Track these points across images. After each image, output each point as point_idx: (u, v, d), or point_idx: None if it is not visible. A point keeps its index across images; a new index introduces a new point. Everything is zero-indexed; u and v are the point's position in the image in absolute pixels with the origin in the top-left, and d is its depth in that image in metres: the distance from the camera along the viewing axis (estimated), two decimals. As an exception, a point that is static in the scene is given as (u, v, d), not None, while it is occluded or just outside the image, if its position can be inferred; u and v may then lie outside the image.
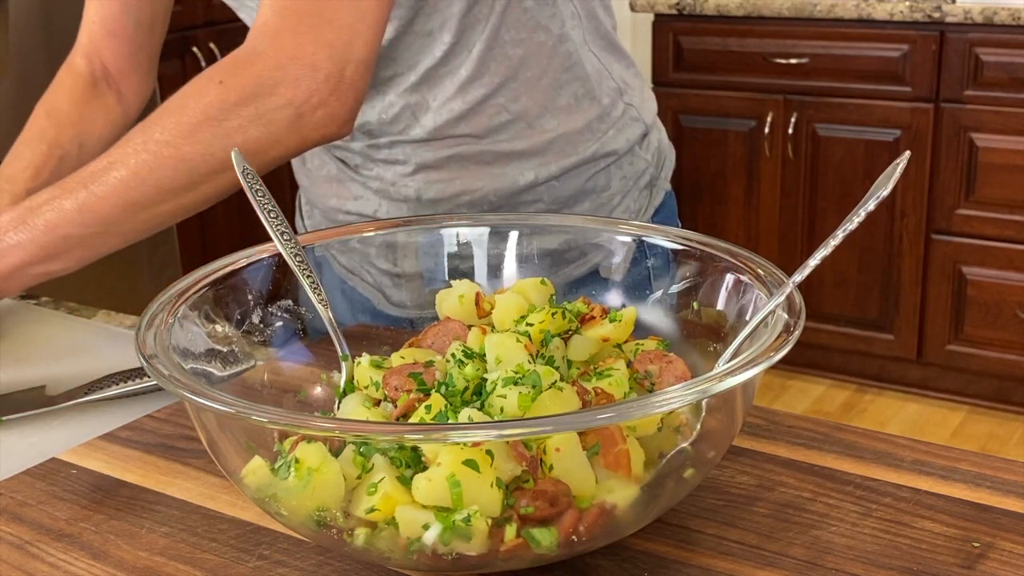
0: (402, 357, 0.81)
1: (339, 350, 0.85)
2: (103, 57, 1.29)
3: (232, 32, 3.25)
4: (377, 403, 0.78)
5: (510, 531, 0.65)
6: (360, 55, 0.98)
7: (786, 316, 0.72)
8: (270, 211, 0.85)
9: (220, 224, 3.22)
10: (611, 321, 0.81)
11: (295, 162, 1.29)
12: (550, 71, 1.14)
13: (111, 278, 2.62)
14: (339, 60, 0.97)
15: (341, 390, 0.83)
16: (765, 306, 0.74)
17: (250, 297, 0.88)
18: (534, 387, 0.69)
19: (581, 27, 1.16)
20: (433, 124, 1.13)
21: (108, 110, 1.29)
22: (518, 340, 0.76)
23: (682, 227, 1.00)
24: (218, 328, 0.85)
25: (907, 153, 0.76)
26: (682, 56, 3.33)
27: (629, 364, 0.78)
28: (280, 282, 0.90)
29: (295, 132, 0.98)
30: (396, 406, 0.75)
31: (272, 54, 0.97)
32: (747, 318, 0.78)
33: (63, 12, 2.74)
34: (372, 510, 0.66)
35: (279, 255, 0.86)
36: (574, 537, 0.66)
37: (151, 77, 1.33)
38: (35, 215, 0.98)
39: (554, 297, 0.86)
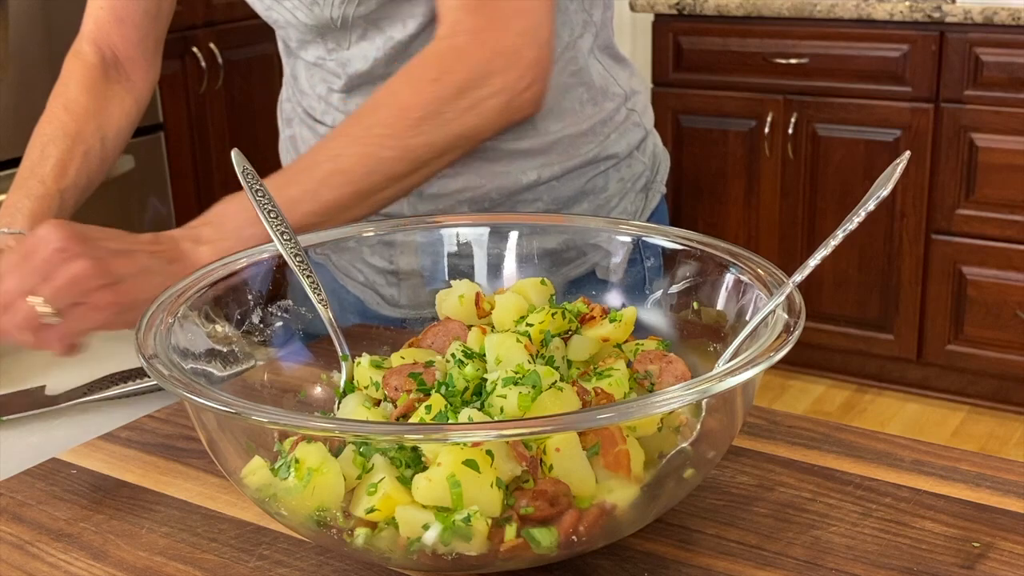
0: (402, 357, 0.81)
1: (339, 350, 0.85)
2: (112, 43, 1.29)
3: (232, 32, 3.25)
4: (377, 403, 0.78)
5: (510, 531, 0.65)
6: (548, 35, 1.07)
7: (786, 316, 0.72)
8: (270, 211, 0.85)
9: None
10: (611, 321, 0.81)
11: (289, 159, 1.28)
12: (557, 76, 1.15)
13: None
14: (534, 44, 1.05)
15: (341, 390, 0.83)
16: (765, 306, 0.74)
17: (250, 297, 0.88)
18: (534, 387, 0.69)
19: (592, 36, 1.18)
20: None
21: (121, 100, 1.28)
22: (518, 340, 0.76)
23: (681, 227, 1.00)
24: (218, 328, 0.85)
25: (907, 153, 0.76)
26: (682, 56, 3.33)
27: (629, 364, 0.78)
28: (280, 282, 0.90)
29: (505, 116, 1.06)
30: (396, 406, 0.75)
31: (477, 50, 1.04)
32: (747, 318, 0.78)
33: (63, 12, 2.74)
34: (372, 510, 0.66)
35: (279, 255, 0.86)
36: (574, 537, 0.66)
37: (156, 65, 1.33)
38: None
39: (554, 297, 0.86)
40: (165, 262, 0.97)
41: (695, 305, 0.86)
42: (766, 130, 3.24)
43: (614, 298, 0.92)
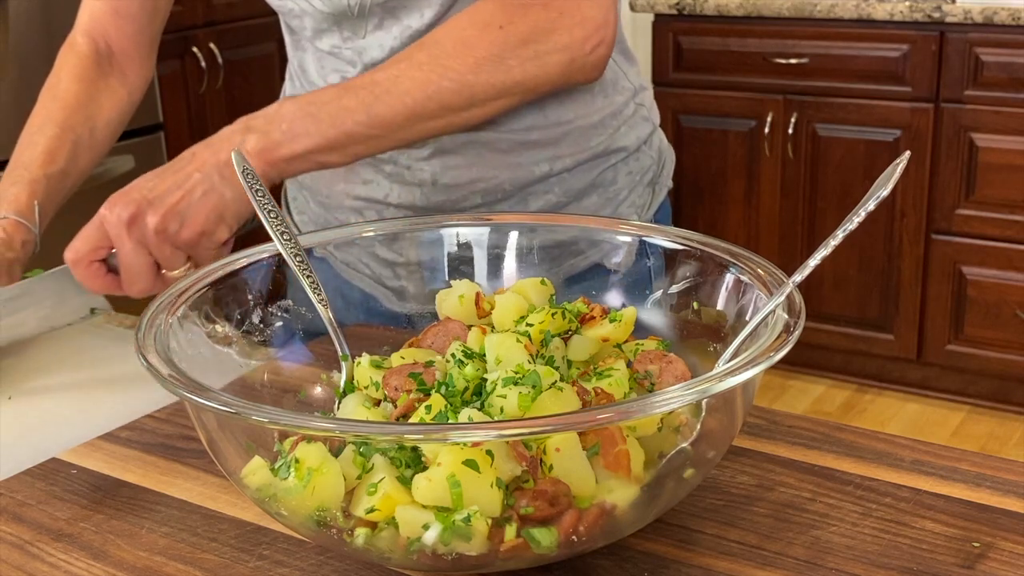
0: (402, 357, 0.81)
1: (339, 350, 0.85)
2: (107, 36, 1.29)
3: (232, 32, 3.25)
4: (377, 403, 0.78)
5: (510, 531, 0.65)
6: (614, 1, 1.10)
7: (786, 316, 0.72)
8: (270, 211, 0.85)
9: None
10: (611, 321, 0.81)
11: None
12: None
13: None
14: (602, 9, 1.08)
15: (341, 390, 0.83)
16: (765, 306, 0.74)
17: (250, 297, 0.88)
18: (534, 387, 0.69)
19: None
20: None
21: (113, 92, 1.28)
22: (518, 340, 0.76)
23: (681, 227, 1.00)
24: (218, 328, 0.85)
25: (907, 153, 0.76)
26: (682, 56, 3.33)
27: (629, 364, 0.78)
28: (280, 282, 0.90)
29: (566, 74, 1.09)
30: (396, 406, 0.75)
31: (542, 7, 1.06)
32: (747, 318, 0.78)
33: (63, 12, 2.74)
34: (372, 510, 0.66)
35: (279, 255, 0.86)
36: (574, 537, 0.66)
37: (151, 61, 1.33)
38: (321, 108, 1.04)
39: (554, 297, 0.86)
40: (215, 170, 1.01)
41: (695, 305, 0.86)
42: (766, 130, 3.24)
43: (614, 298, 0.92)
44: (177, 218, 0.99)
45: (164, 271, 1.02)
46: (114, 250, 1.02)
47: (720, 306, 0.83)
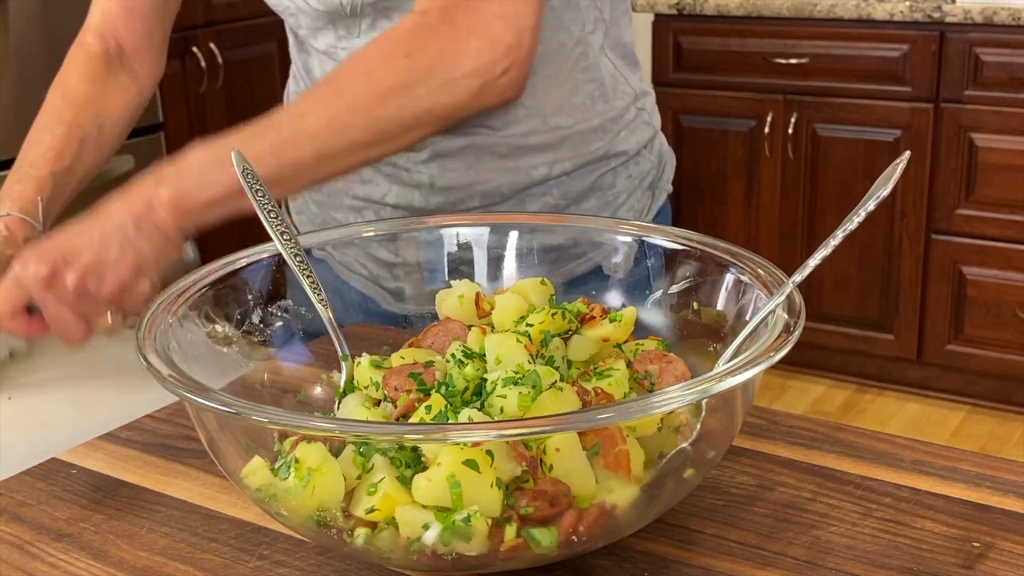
0: (402, 357, 0.81)
1: (339, 350, 0.85)
2: (118, 35, 1.29)
3: (232, 32, 3.25)
4: (377, 403, 0.78)
5: (510, 531, 0.65)
6: (530, 22, 1.05)
7: (786, 316, 0.72)
8: (270, 211, 0.85)
9: (220, 224, 3.22)
10: (611, 321, 0.81)
11: None
12: (567, 71, 1.15)
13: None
14: (514, 29, 1.04)
15: (341, 390, 0.83)
16: (765, 306, 0.74)
17: (250, 297, 0.88)
18: (534, 387, 0.69)
19: (603, 33, 1.18)
20: None
21: (123, 90, 1.28)
22: (518, 340, 0.76)
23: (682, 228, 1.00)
24: (218, 328, 0.85)
25: (907, 153, 0.76)
26: (682, 56, 3.33)
27: (629, 364, 0.78)
28: (280, 282, 0.90)
29: (478, 99, 1.05)
30: (396, 406, 0.75)
31: (449, 30, 1.03)
32: (747, 318, 0.78)
33: (63, 12, 2.74)
34: (372, 510, 0.66)
35: (279, 255, 0.86)
36: (574, 537, 0.66)
37: (162, 58, 1.33)
38: (227, 155, 1.01)
39: (554, 297, 0.86)
40: (130, 223, 1.00)
41: (695, 305, 0.86)
42: (766, 130, 3.24)
43: (614, 298, 0.92)
44: (95, 275, 0.98)
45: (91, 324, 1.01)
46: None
47: (720, 306, 0.83)
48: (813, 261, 0.73)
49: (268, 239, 0.86)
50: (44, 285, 0.97)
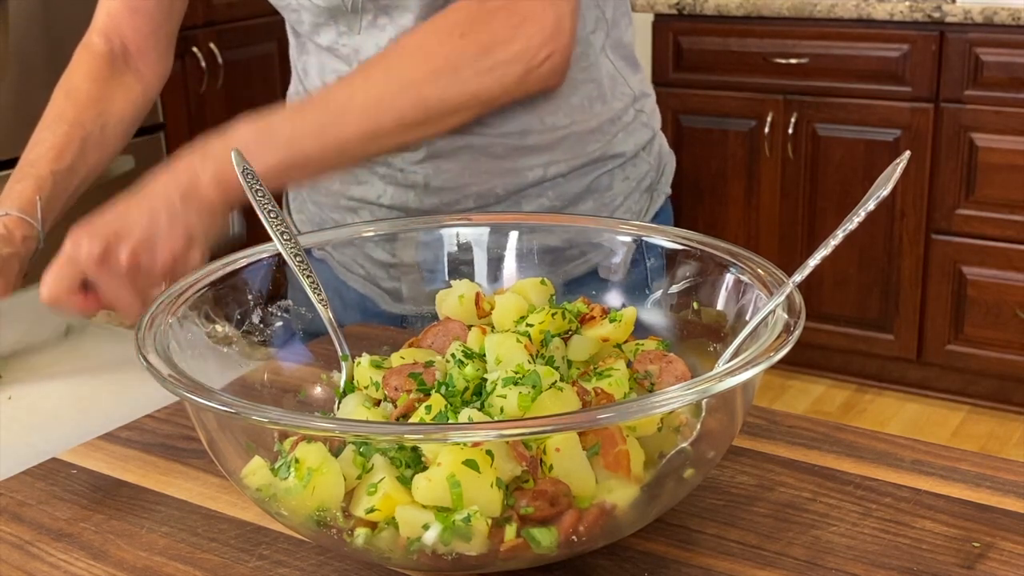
0: (402, 357, 0.81)
1: (339, 350, 0.85)
2: (123, 35, 1.29)
3: (232, 32, 3.25)
4: (377, 403, 0.78)
5: (510, 531, 0.65)
6: (572, 7, 1.07)
7: (786, 316, 0.71)
8: (270, 211, 0.85)
9: (220, 224, 3.22)
10: (611, 321, 0.81)
11: None
12: (568, 73, 1.14)
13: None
14: (557, 15, 1.06)
15: (341, 390, 0.83)
16: (765, 306, 0.74)
17: (250, 297, 0.88)
18: (534, 387, 0.69)
19: (604, 33, 1.18)
20: None
21: (128, 89, 1.28)
22: (518, 340, 0.76)
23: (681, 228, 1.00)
24: (218, 328, 0.85)
25: (907, 153, 0.76)
26: (682, 56, 3.33)
27: (629, 364, 0.78)
28: (280, 282, 0.90)
29: (522, 84, 1.07)
30: (396, 406, 0.75)
31: (506, 14, 1.05)
32: (747, 318, 0.78)
33: (63, 12, 2.74)
34: (372, 510, 0.66)
35: (279, 255, 0.86)
36: (574, 537, 0.66)
37: (168, 58, 1.33)
38: (276, 133, 1.04)
39: (554, 297, 0.86)
40: (182, 192, 1.01)
41: (695, 305, 0.86)
42: (766, 130, 3.24)
43: (614, 298, 0.92)
44: (147, 249, 0.99)
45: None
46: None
47: (720, 306, 0.83)
48: (813, 261, 0.73)
49: (268, 239, 0.86)
50: (98, 262, 0.98)
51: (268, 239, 0.86)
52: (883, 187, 0.71)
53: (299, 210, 1.31)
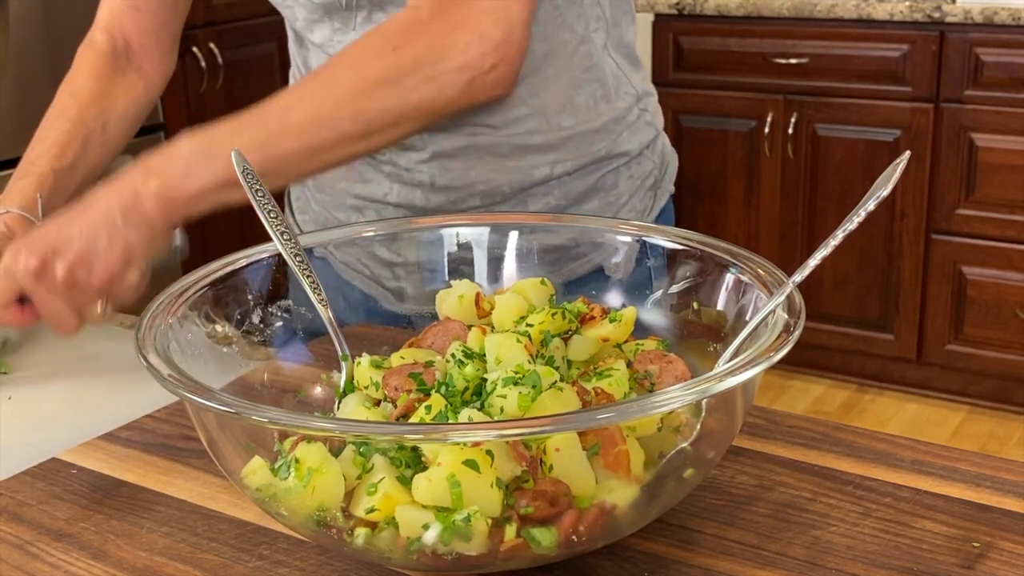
0: (402, 357, 0.81)
1: (339, 350, 0.85)
2: (125, 32, 1.29)
3: (232, 32, 3.25)
4: (377, 403, 0.78)
5: (510, 531, 0.65)
6: (521, 17, 1.05)
7: (786, 316, 0.71)
8: (270, 211, 0.85)
9: (220, 224, 3.22)
10: (611, 321, 0.81)
11: None
12: (570, 70, 1.15)
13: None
14: (504, 25, 1.03)
15: (341, 390, 0.83)
16: (765, 306, 0.74)
17: (250, 297, 0.88)
18: (534, 387, 0.69)
19: (605, 32, 1.18)
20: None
21: (130, 86, 1.28)
22: (518, 340, 0.76)
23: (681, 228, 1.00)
24: (218, 328, 0.85)
25: (907, 153, 0.76)
26: (682, 56, 3.33)
27: (629, 364, 0.78)
28: (280, 282, 0.90)
29: (466, 94, 1.05)
30: (396, 406, 0.75)
31: (438, 24, 1.03)
32: (747, 318, 0.78)
33: (63, 12, 2.74)
34: (372, 510, 0.66)
35: (279, 255, 0.86)
36: (574, 537, 0.66)
37: (172, 56, 1.33)
38: (216, 148, 1.02)
39: (554, 297, 0.86)
40: (123, 209, 1.00)
41: (695, 305, 0.86)
42: (766, 130, 3.24)
43: (614, 298, 0.92)
44: (84, 265, 0.98)
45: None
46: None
47: (720, 306, 0.83)
48: (813, 261, 0.73)
49: (268, 239, 0.86)
50: (34, 276, 0.97)
51: (268, 239, 0.86)
52: (883, 187, 0.71)
53: (302, 210, 1.31)
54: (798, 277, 0.74)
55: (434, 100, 1.04)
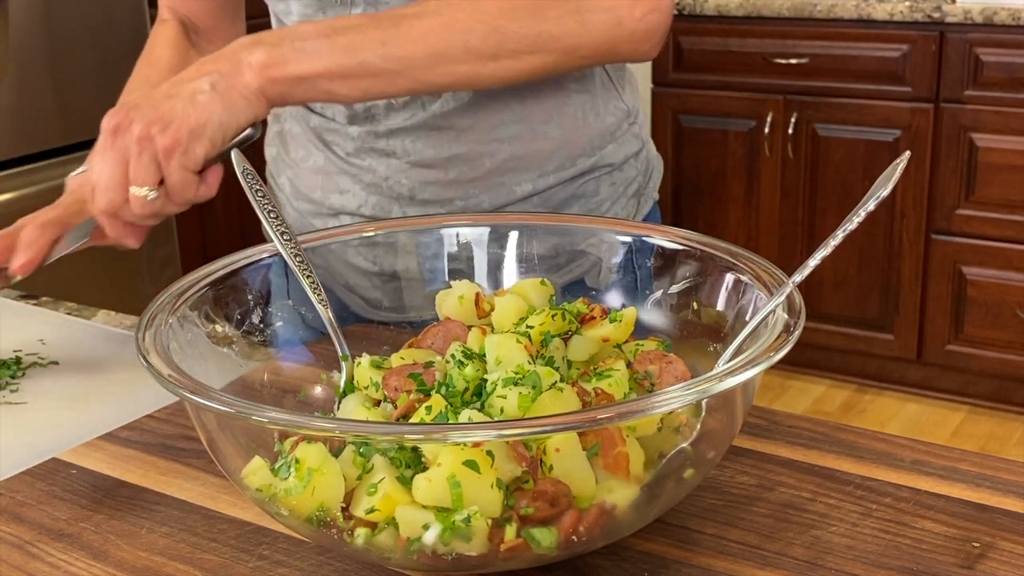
0: (402, 358, 0.81)
1: (339, 350, 0.85)
2: (189, 14, 1.29)
3: (232, 32, 3.25)
4: (377, 403, 0.78)
5: (510, 531, 0.65)
6: None
7: (786, 316, 0.72)
8: (270, 211, 0.85)
9: (220, 224, 3.22)
10: (611, 321, 0.81)
11: (275, 154, 1.27)
12: (559, 79, 1.13)
13: (111, 278, 2.62)
14: None
15: (341, 390, 0.83)
16: (765, 306, 0.74)
17: (250, 297, 0.88)
18: (534, 388, 0.69)
19: None
20: (440, 110, 1.12)
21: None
22: (518, 341, 0.76)
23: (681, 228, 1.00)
24: (218, 328, 0.85)
25: (907, 153, 0.76)
26: (682, 56, 3.33)
27: (629, 364, 0.78)
28: (280, 282, 0.90)
29: (609, 39, 1.01)
30: (396, 407, 0.75)
31: None
32: (747, 318, 0.78)
33: (63, 12, 2.74)
34: (372, 510, 0.66)
35: (279, 255, 0.86)
36: (574, 537, 0.66)
37: (237, 27, 1.32)
38: (339, 33, 0.98)
39: (554, 298, 0.86)
40: (217, 78, 0.95)
41: (695, 305, 0.86)
42: (766, 130, 3.24)
43: (614, 298, 0.92)
44: (160, 123, 0.93)
45: (132, 188, 0.94)
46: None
47: (720, 306, 0.83)
48: (813, 261, 0.73)
49: (268, 239, 0.86)
50: (113, 132, 0.93)
51: (268, 239, 0.86)
52: (883, 187, 0.71)
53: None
54: (798, 277, 0.74)
55: (575, 35, 1.00)
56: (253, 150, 0.99)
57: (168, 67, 1.23)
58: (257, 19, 1.22)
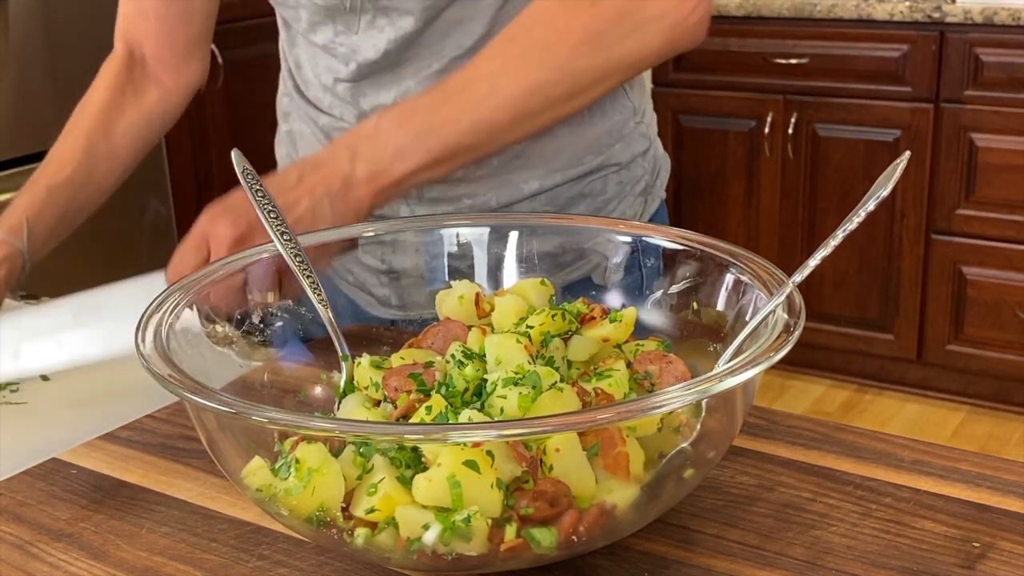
0: (402, 358, 0.81)
1: (339, 350, 0.85)
2: (138, 41, 1.27)
3: (232, 32, 3.24)
4: (377, 403, 0.78)
5: (510, 531, 0.65)
6: None
7: (786, 316, 0.71)
8: (270, 211, 0.85)
9: (220, 224, 3.22)
10: (611, 321, 0.81)
11: (286, 153, 1.28)
12: None
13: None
14: None
15: (341, 390, 0.83)
16: (765, 306, 0.74)
17: (250, 297, 0.88)
18: (534, 388, 0.69)
19: None
20: None
21: (141, 94, 1.26)
22: (518, 341, 0.76)
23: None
24: (218, 328, 0.85)
25: (907, 153, 0.76)
26: (682, 56, 3.33)
27: (629, 364, 0.78)
28: (280, 282, 0.90)
29: (669, 42, 1.03)
30: (396, 407, 0.75)
31: None
32: (747, 318, 0.78)
33: (63, 12, 2.74)
34: (372, 510, 0.66)
35: (279, 255, 0.86)
36: (574, 537, 0.66)
37: (193, 65, 1.30)
38: (422, 123, 1.00)
39: (554, 298, 0.86)
40: (325, 199, 0.97)
41: (695, 305, 0.86)
42: (766, 130, 3.24)
43: (614, 298, 0.92)
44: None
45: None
46: None
47: (720, 306, 0.83)
48: (813, 261, 0.73)
49: (268, 239, 0.86)
50: (232, 245, 0.95)
51: (268, 239, 0.86)
52: (883, 187, 0.71)
53: None
54: (798, 277, 0.74)
55: (638, 52, 1.02)
56: (262, 152, 0.99)
57: (97, 110, 1.23)
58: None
